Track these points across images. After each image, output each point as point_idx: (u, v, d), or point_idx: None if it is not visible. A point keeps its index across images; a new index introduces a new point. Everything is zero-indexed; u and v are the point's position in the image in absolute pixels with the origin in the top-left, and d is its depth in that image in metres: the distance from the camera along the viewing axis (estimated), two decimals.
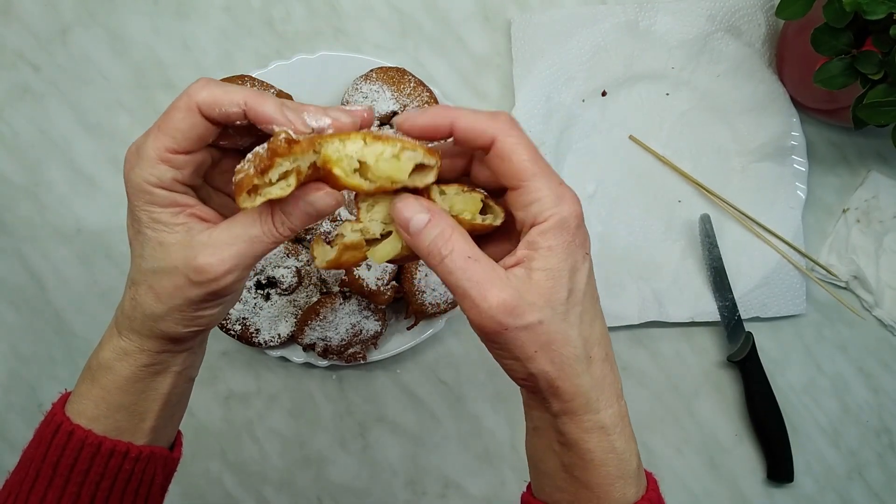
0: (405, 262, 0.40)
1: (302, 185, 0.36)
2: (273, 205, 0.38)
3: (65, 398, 0.45)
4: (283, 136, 0.35)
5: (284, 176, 0.36)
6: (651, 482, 0.42)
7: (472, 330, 0.37)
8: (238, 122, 0.37)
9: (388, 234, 0.39)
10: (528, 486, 0.44)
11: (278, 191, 0.36)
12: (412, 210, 0.37)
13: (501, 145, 0.37)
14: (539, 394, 0.38)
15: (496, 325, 0.35)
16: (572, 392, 0.37)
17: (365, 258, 0.39)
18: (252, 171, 0.35)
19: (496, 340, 0.37)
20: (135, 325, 0.42)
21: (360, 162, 0.36)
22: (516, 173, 0.37)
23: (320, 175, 0.37)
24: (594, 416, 0.38)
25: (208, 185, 0.43)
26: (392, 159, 0.37)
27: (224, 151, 0.42)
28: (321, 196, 0.37)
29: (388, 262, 0.40)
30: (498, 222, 0.39)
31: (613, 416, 0.39)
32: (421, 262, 0.69)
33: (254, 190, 0.36)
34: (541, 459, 0.42)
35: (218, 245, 0.38)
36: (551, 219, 0.36)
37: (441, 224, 0.37)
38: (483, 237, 0.40)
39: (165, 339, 0.42)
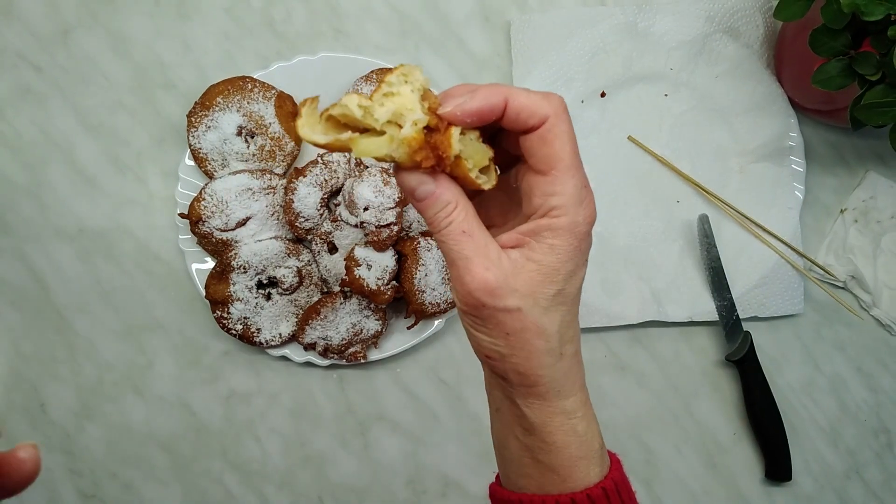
0: (396, 165, 0.37)
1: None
2: None
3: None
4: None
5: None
6: (615, 462, 0.42)
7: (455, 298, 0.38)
8: None
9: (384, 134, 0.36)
10: (497, 477, 0.45)
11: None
12: (418, 180, 0.36)
13: (549, 128, 0.36)
14: (502, 375, 0.39)
15: (474, 300, 0.36)
16: (535, 380, 0.38)
17: (348, 149, 0.35)
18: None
19: (473, 314, 0.37)
20: None
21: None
22: (551, 161, 0.36)
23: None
24: (557, 402, 0.39)
25: None
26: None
27: None
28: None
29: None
30: (487, 187, 0.38)
31: (575, 402, 0.40)
32: (420, 262, 0.69)
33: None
34: (504, 446, 0.42)
35: None
36: (564, 218, 0.36)
37: (446, 195, 0.36)
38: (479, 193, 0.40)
39: None
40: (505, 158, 0.40)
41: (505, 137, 0.40)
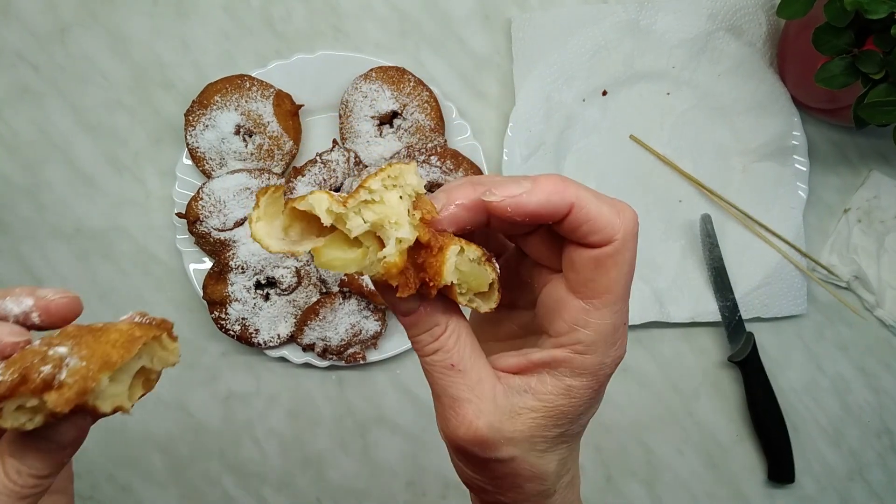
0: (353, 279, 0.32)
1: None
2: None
3: None
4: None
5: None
6: None
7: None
8: None
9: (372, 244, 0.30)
10: None
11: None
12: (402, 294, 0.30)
13: (612, 253, 0.29)
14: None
15: (460, 447, 0.31)
16: None
17: (300, 253, 0.29)
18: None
19: (459, 455, 0.33)
20: None
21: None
22: (598, 289, 0.30)
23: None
24: None
25: None
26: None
27: None
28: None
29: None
30: (483, 310, 0.31)
31: None
32: None
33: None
34: None
35: None
36: (590, 358, 0.31)
37: (434, 316, 0.31)
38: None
39: None
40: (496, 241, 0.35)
41: (524, 238, 0.33)
